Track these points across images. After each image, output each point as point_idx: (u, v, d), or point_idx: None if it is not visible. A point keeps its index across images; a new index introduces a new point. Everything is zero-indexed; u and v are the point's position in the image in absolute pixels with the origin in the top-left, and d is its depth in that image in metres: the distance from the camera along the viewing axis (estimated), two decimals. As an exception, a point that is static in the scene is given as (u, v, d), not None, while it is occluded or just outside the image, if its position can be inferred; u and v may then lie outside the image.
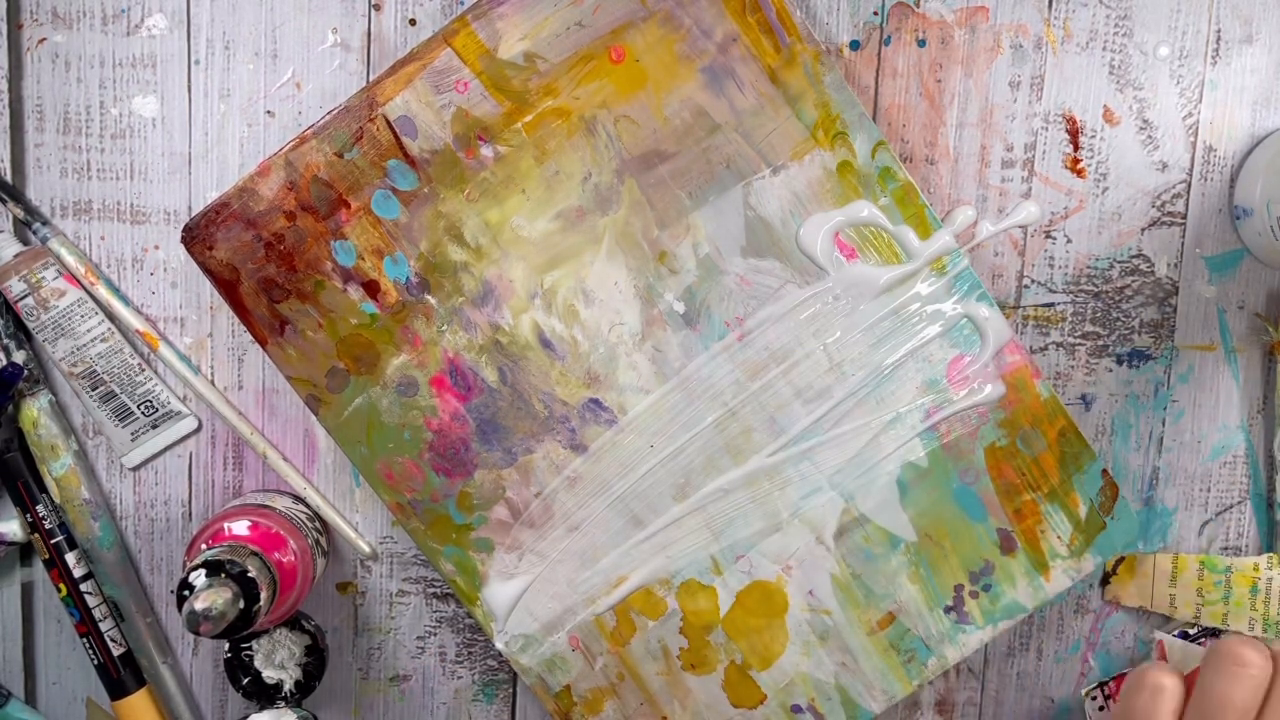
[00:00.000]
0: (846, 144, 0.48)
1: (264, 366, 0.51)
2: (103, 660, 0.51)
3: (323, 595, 0.53)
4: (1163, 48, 0.51)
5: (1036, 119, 0.51)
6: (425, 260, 0.49)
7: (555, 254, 0.49)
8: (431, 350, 0.49)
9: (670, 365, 0.50)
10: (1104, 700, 0.54)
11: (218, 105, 0.50)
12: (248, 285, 0.48)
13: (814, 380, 0.50)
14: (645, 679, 0.52)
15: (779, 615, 0.52)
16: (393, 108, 0.47)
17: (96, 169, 0.50)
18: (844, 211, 0.49)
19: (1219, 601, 0.53)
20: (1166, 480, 0.54)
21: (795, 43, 0.48)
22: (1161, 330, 0.53)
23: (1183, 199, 0.52)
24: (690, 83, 0.48)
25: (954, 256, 0.49)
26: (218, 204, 0.48)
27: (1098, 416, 0.53)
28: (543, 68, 0.47)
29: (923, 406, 0.50)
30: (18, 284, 0.48)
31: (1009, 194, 0.51)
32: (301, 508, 0.51)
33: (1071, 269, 0.52)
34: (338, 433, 0.50)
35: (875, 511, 0.51)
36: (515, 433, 0.50)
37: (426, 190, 0.48)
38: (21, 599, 0.52)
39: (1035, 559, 0.51)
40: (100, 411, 0.50)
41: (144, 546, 0.52)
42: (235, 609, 0.43)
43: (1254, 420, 0.54)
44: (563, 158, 0.48)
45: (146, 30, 0.49)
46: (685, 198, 0.49)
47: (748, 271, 0.49)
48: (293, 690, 0.51)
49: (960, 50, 0.50)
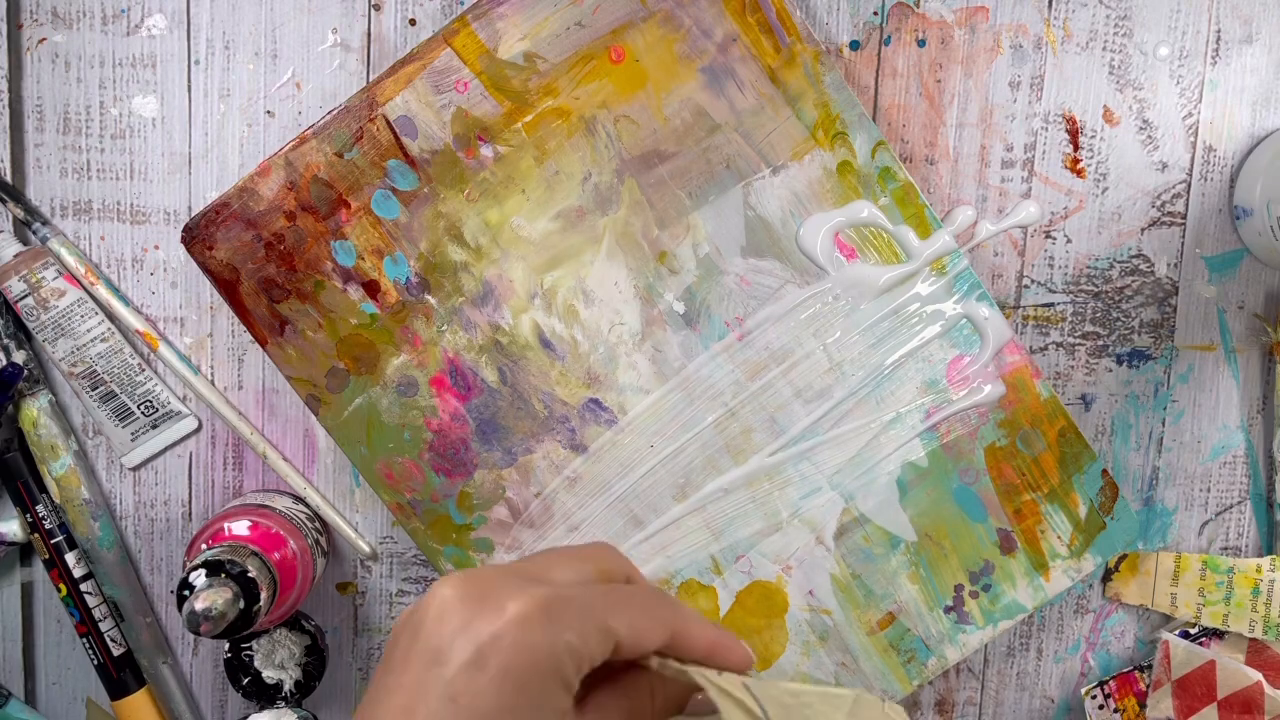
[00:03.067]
0: (846, 144, 0.48)
1: (264, 366, 0.51)
2: (103, 660, 0.51)
3: (323, 595, 0.53)
4: (1163, 48, 0.51)
5: (1036, 119, 0.51)
6: (425, 260, 0.49)
7: (555, 254, 0.49)
8: (431, 350, 0.49)
9: (670, 365, 0.50)
10: (1104, 700, 0.54)
11: (218, 105, 0.50)
12: (248, 285, 0.48)
13: (814, 380, 0.50)
14: (645, 679, 0.52)
15: (779, 615, 0.52)
16: (393, 108, 0.47)
17: (96, 169, 0.50)
18: (844, 211, 0.49)
19: (1220, 602, 0.53)
20: (1166, 480, 0.54)
21: (795, 43, 0.48)
22: (1161, 330, 0.53)
23: (1183, 199, 0.52)
24: (690, 83, 0.48)
25: (954, 256, 0.49)
26: (218, 204, 0.48)
27: (1098, 416, 0.53)
28: (543, 68, 0.47)
29: (923, 406, 0.50)
30: (18, 284, 0.48)
31: (1009, 194, 0.51)
32: (301, 508, 0.51)
33: (1071, 269, 0.52)
34: (338, 433, 0.50)
35: (875, 511, 0.51)
36: (515, 433, 0.50)
37: (426, 190, 0.48)
38: (21, 599, 0.52)
39: (1035, 559, 0.51)
40: (100, 411, 0.50)
41: (144, 546, 0.52)
42: (235, 609, 0.43)
43: (1254, 420, 0.54)
44: (563, 158, 0.48)
45: (146, 30, 0.49)
46: (685, 198, 0.49)
47: (748, 271, 0.49)
48: (293, 690, 0.51)
49: (960, 50, 0.50)
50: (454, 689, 0.30)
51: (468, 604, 0.31)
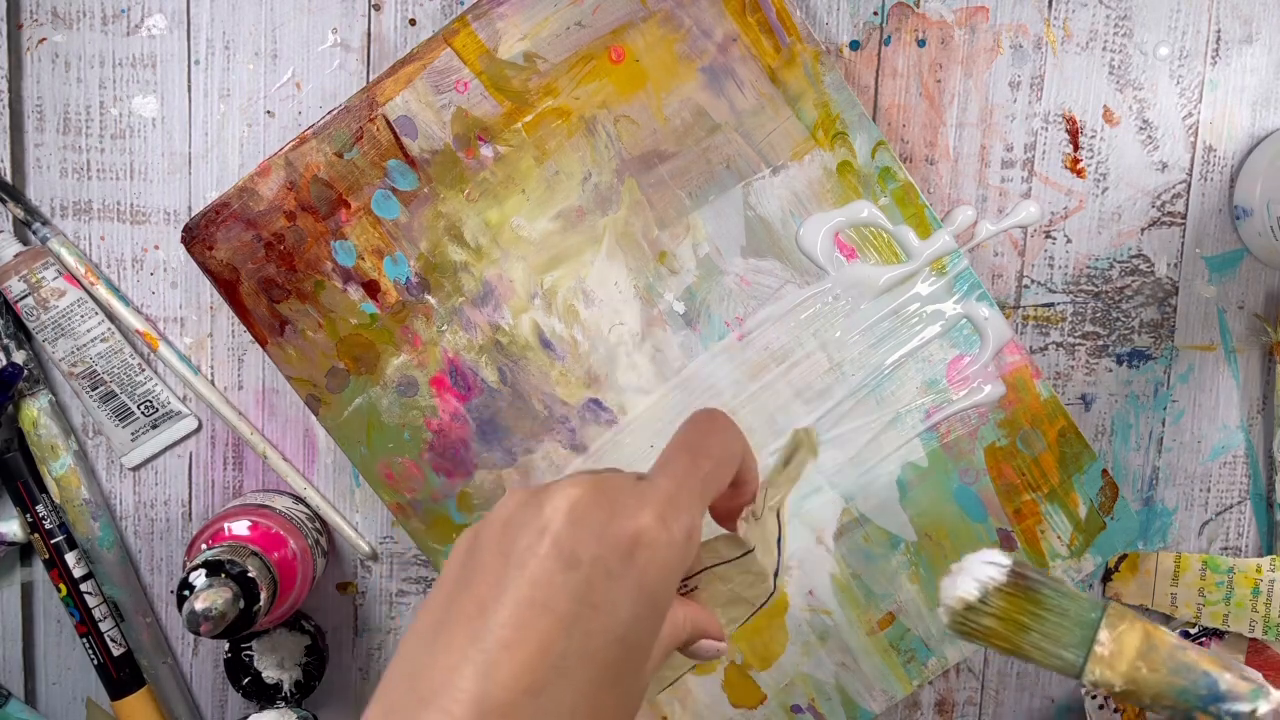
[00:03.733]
0: (846, 144, 0.48)
1: (264, 366, 0.51)
2: (103, 660, 0.51)
3: (323, 595, 0.53)
4: (1163, 48, 0.51)
5: (1036, 119, 0.51)
6: (425, 260, 0.49)
7: (555, 254, 0.49)
8: (431, 350, 0.49)
9: (670, 365, 0.50)
10: (1104, 700, 0.54)
11: (218, 105, 0.50)
12: (248, 285, 0.48)
13: (814, 380, 0.50)
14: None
15: (779, 615, 0.52)
16: (393, 108, 0.47)
17: (96, 169, 0.50)
18: (844, 211, 0.49)
19: (1220, 602, 0.53)
20: (1166, 480, 0.54)
21: (795, 43, 0.48)
22: (1161, 330, 0.53)
23: (1183, 199, 0.52)
24: (690, 83, 0.48)
25: (954, 256, 0.49)
26: (218, 204, 0.48)
27: (1098, 416, 0.53)
28: (543, 68, 0.47)
29: (923, 407, 0.50)
30: (18, 284, 0.48)
31: (1009, 194, 0.51)
32: (301, 508, 0.51)
33: (1071, 269, 0.52)
34: (338, 433, 0.50)
35: (875, 512, 0.51)
36: (515, 433, 0.50)
37: (426, 190, 0.48)
38: (21, 599, 0.52)
39: (1035, 559, 0.51)
40: (100, 411, 0.50)
41: (144, 546, 0.52)
42: (235, 609, 0.43)
43: (1254, 420, 0.54)
44: (563, 158, 0.48)
45: (146, 30, 0.49)
46: (685, 198, 0.49)
47: (748, 271, 0.49)
48: (293, 690, 0.51)
49: (960, 50, 0.50)
50: (593, 596, 0.29)
51: (599, 506, 0.30)
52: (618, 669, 0.29)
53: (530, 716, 0.27)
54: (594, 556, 0.29)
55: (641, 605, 0.29)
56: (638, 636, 0.30)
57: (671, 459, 0.32)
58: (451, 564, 0.31)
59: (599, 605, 0.29)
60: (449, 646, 0.28)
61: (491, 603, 0.29)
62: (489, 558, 0.30)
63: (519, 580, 0.29)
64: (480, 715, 0.27)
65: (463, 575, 0.30)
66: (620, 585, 0.29)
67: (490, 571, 0.29)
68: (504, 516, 0.31)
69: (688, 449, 0.33)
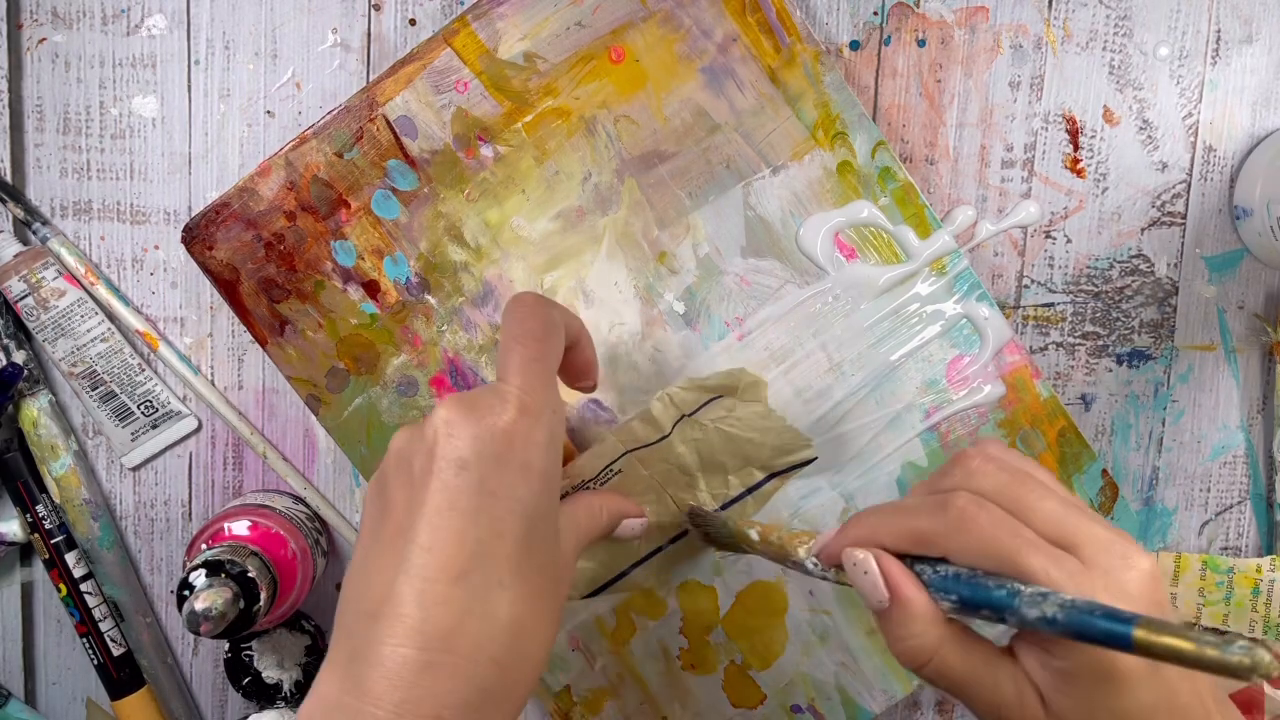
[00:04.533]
0: (846, 144, 0.48)
1: (264, 366, 0.51)
2: (103, 660, 0.51)
3: (323, 595, 0.53)
4: (1163, 48, 0.51)
5: (1036, 119, 0.51)
6: (425, 260, 0.49)
7: (555, 254, 0.49)
8: (431, 350, 0.49)
9: (670, 365, 0.50)
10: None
11: (218, 105, 0.50)
12: (248, 285, 0.48)
13: (814, 380, 0.50)
14: (645, 679, 0.52)
15: (779, 615, 0.52)
16: (393, 108, 0.47)
17: (96, 169, 0.50)
18: (844, 211, 0.49)
19: (1220, 602, 0.53)
20: (1166, 480, 0.54)
21: (795, 43, 0.48)
22: (1161, 330, 0.53)
23: (1183, 199, 0.52)
24: (690, 83, 0.48)
25: (954, 256, 0.49)
26: (218, 204, 0.48)
27: (1098, 416, 0.53)
28: (543, 68, 0.47)
29: (922, 406, 0.50)
30: (18, 284, 0.48)
31: (1009, 194, 0.51)
32: (301, 508, 0.51)
33: (1071, 269, 0.52)
34: (338, 433, 0.50)
35: (875, 511, 0.51)
36: (515, 433, 0.50)
37: (426, 190, 0.48)
38: (21, 599, 0.52)
39: (1035, 559, 0.51)
40: (100, 411, 0.50)
41: (144, 546, 0.52)
42: (235, 609, 0.43)
43: (1254, 420, 0.54)
44: (563, 158, 0.48)
45: (146, 30, 0.49)
46: (685, 198, 0.49)
47: (747, 271, 0.49)
48: (293, 690, 0.51)
49: (960, 50, 0.50)
50: (488, 484, 0.33)
51: (469, 416, 0.34)
52: (529, 540, 0.34)
53: (466, 598, 0.32)
54: (478, 454, 0.33)
55: (534, 479, 0.34)
56: (537, 507, 0.34)
57: (507, 356, 0.36)
58: (368, 506, 0.36)
59: (496, 491, 0.33)
60: (381, 568, 0.33)
61: (406, 521, 0.33)
62: (394, 488, 0.34)
63: (423, 494, 0.33)
64: (423, 609, 0.32)
65: (378, 510, 0.35)
66: (509, 469, 0.34)
67: (399, 497, 0.34)
68: (396, 450, 0.35)
69: (516, 340, 0.37)
